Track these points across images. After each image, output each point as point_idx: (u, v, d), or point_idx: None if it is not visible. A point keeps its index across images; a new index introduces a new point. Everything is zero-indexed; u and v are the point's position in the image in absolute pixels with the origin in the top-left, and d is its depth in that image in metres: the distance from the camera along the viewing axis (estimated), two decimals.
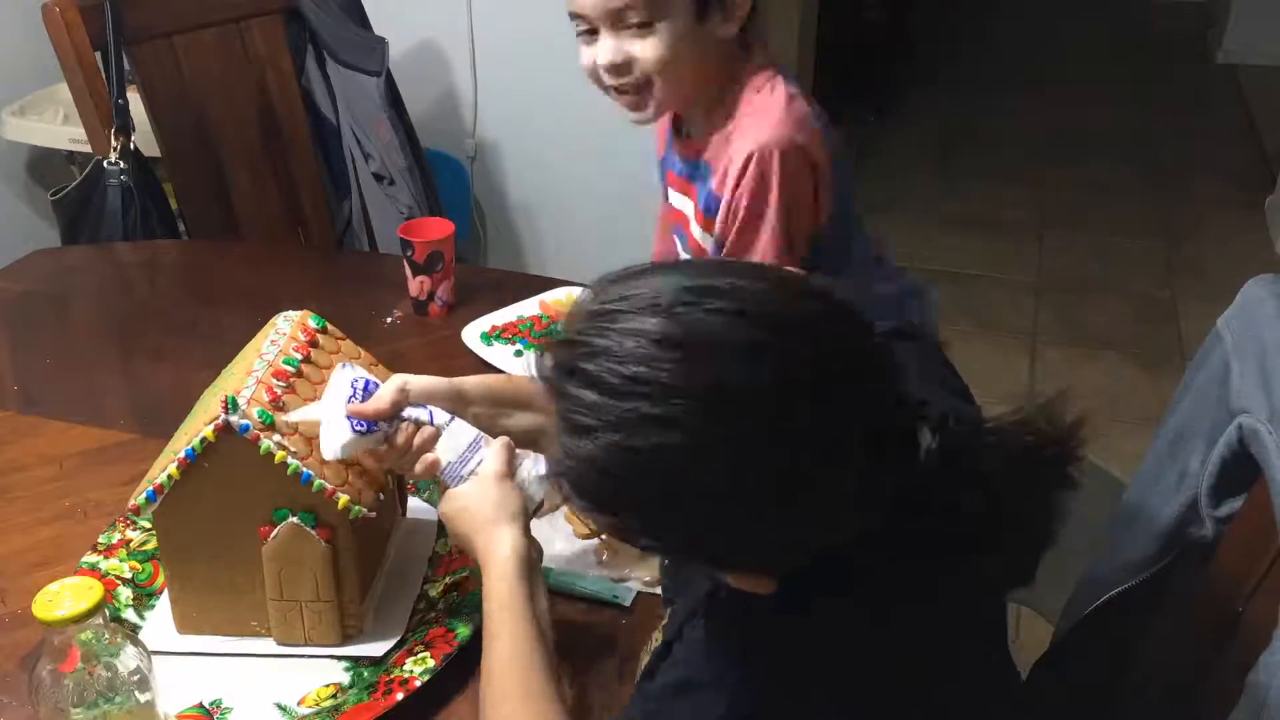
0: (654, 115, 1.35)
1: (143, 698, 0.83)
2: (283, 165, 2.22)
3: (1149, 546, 1.06)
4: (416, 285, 1.62)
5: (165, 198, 2.09)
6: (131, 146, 1.99)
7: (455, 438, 1.01)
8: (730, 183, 1.30)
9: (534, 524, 1.21)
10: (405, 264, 1.61)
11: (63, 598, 0.79)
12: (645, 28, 1.25)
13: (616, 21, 1.26)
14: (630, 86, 1.30)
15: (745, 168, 1.28)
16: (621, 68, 1.28)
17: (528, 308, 1.61)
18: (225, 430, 0.96)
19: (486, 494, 0.98)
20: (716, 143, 1.34)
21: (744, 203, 1.29)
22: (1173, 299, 3.14)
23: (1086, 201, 3.67)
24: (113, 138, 1.97)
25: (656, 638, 0.95)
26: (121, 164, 1.97)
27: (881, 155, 3.89)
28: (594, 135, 2.39)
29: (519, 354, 1.51)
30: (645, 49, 1.26)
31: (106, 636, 0.82)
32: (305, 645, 1.04)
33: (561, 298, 1.63)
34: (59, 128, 2.36)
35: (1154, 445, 1.09)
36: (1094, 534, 1.14)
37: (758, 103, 1.31)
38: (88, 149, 2.09)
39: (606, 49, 1.28)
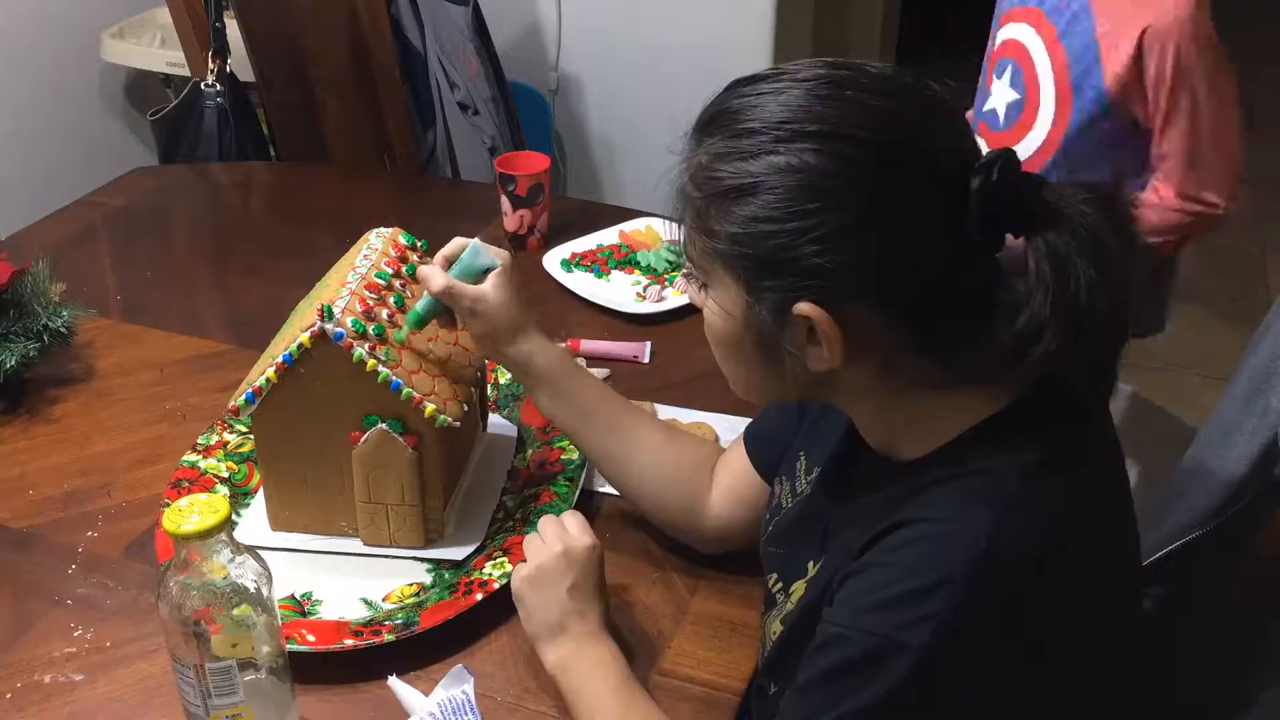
0: None
1: (259, 618, 0.85)
2: (371, 93, 2.26)
3: (1219, 493, 1.06)
4: (515, 220, 1.62)
5: (258, 121, 2.14)
6: (228, 70, 2.04)
7: None
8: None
9: None
10: (505, 199, 1.60)
11: (190, 513, 0.81)
12: None
13: None
14: None
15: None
16: None
17: (607, 236, 1.63)
18: (320, 337, 1.00)
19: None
20: None
21: None
22: (1262, 253, 3.07)
23: None
24: (210, 61, 2.02)
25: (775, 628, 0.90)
26: (218, 86, 2.02)
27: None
28: (672, 71, 2.38)
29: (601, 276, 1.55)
30: None
31: (230, 553, 0.83)
32: (390, 546, 1.10)
33: (641, 228, 1.65)
34: (156, 50, 2.41)
35: (1229, 390, 1.09)
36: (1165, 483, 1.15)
37: None
38: (184, 72, 2.15)
39: None
